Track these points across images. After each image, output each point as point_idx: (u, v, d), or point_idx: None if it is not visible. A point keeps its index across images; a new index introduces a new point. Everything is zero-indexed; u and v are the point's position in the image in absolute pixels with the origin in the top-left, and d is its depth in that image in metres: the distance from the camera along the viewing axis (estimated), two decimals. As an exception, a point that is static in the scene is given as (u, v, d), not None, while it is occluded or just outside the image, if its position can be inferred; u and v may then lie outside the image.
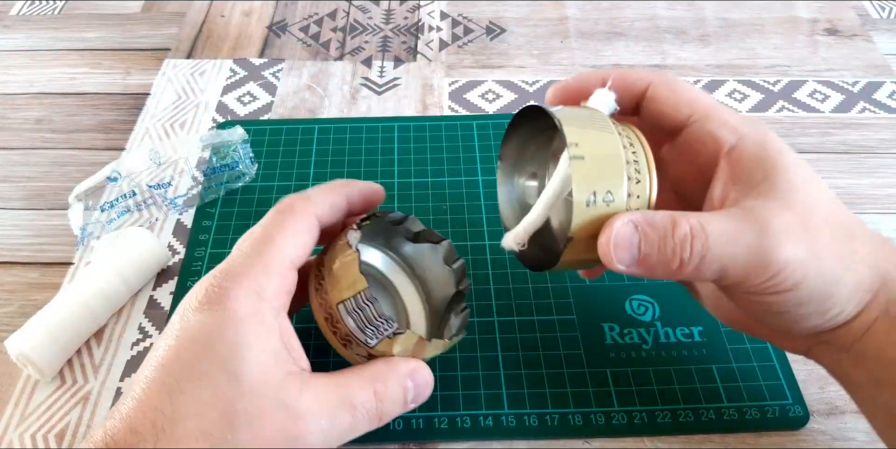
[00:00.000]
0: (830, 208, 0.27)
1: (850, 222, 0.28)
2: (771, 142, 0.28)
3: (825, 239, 0.27)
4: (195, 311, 0.27)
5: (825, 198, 0.28)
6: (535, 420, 0.35)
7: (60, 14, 0.61)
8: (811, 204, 0.27)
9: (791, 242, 0.26)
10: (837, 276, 0.27)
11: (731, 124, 0.29)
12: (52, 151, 0.50)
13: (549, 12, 0.61)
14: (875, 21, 0.60)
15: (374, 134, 0.50)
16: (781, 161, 0.27)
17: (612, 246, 0.26)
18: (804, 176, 0.27)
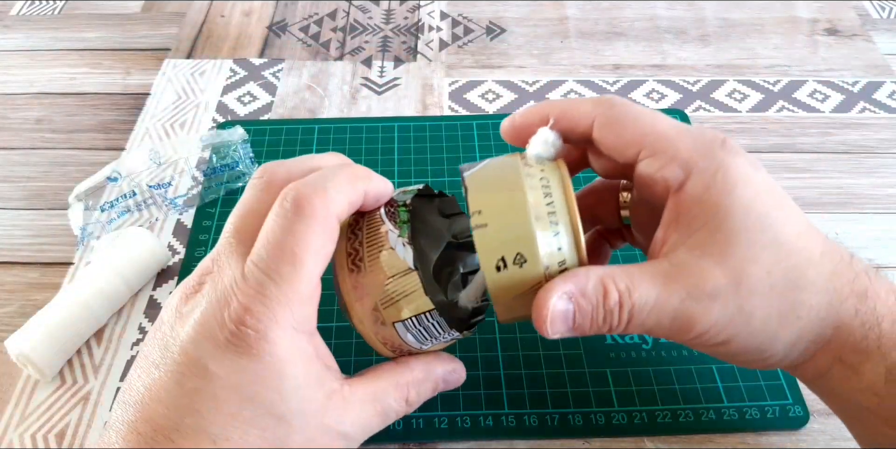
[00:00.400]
0: (776, 257, 0.25)
1: (799, 268, 0.26)
2: (722, 177, 0.26)
3: (761, 297, 0.25)
4: (225, 351, 0.24)
5: (772, 243, 0.25)
6: (535, 420, 0.35)
7: (60, 14, 0.61)
8: (751, 257, 0.25)
9: (719, 306, 0.25)
10: (771, 332, 0.26)
11: (683, 158, 0.26)
12: (52, 151, 0.50)
13: (549, 12, 0.61)
14: (875, 21, 0.60)
15: (374, 134, 0.50)
16: (726, 204, 0.25)
17: (549, 321, 0.26)
18: (752, 219, 0.25)
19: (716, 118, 0.51)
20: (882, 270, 0.42)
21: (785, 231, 0.26)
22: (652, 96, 0.53)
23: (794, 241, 0.26)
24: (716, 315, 0.25)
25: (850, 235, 0.44)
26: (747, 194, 0.26)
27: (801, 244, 0.26)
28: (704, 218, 0.26)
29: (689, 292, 0.25)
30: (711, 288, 0.25)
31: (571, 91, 0.54)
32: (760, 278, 0.25)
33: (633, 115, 0.28)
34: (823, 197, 0.46)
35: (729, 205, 0.25)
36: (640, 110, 0.28)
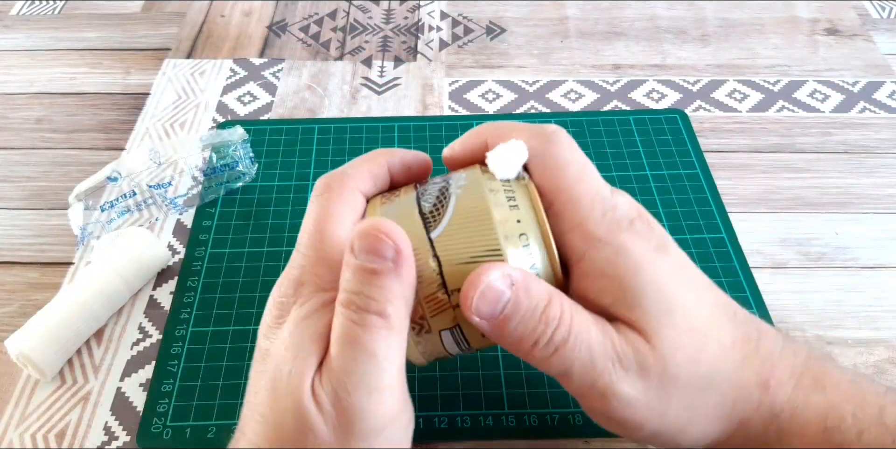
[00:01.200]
0: (696, 345, 0.25)
1: (713, 361, 0.25)
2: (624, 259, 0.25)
3: (680, 387, 0.24)
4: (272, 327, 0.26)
5: (690, 330, 0.25)
6: (536, 420, 0.35)
7: (60, 14, 0.61)
8: (675, 343, 0.24)
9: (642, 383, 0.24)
10: (680, 427, 0.25)
11: (586, 230, 0.25)
12: (52, 151, 0.50)
13: (549, 12, 0.61)
14: (875, 21, 0.60)
15: (374, 134, 0.50)
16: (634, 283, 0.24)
17: (478, 294, 0.23)
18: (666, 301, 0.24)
19: (716, 118, 0.51)
20: (881, 270, 0.42)
21: (699, 316, 0.25)
22: (652, 96, 0.53)
23: (708, 328, 0.25)
24: (638, 391, 0.24)
25: (850, 235, 0.44)
26: (655, 276, 0.25)
27: (713, 333, 0.25)
28: (613, 294, 0.25)
29: (619, 357, 0.24)
30: (641, 361, 0.24)
31: (571, 91, 0.54)
32: (684, 367, 0.24)
33: (563, 162, 0.26)
34: (823, 197, 0.46)
35: (637, 284, 0.24)
36: (570, 159, 0.26)
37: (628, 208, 0.26)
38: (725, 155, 0.49)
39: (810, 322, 0.40)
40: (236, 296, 0.41)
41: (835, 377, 0.26)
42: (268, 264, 0.42)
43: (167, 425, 0.35)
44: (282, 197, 0.46)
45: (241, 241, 0.43)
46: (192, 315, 0.40)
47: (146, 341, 0.39)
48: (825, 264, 0.42)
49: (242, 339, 0.39)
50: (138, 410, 0.36)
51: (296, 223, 0.44)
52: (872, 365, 0.38)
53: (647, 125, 0.50)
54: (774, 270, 0.42)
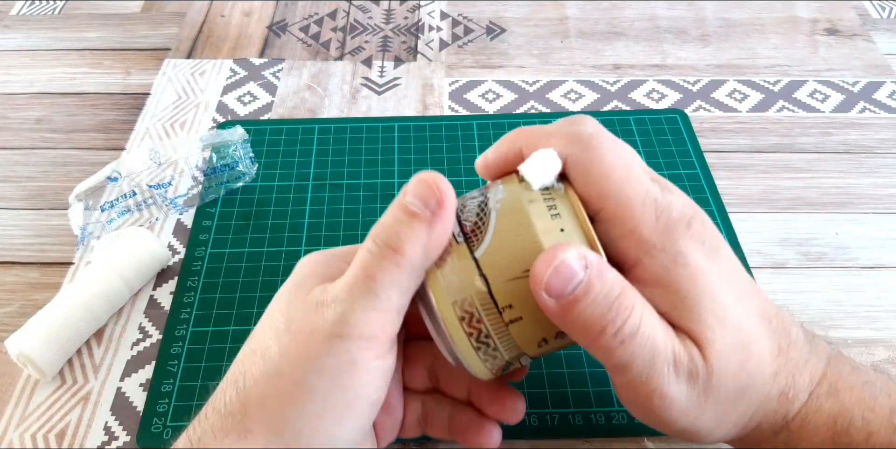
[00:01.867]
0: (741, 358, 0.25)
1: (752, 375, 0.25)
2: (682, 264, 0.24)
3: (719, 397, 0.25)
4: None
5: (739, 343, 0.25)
6: (536, 420, 0.35)
7: (60, 14, 0.61)
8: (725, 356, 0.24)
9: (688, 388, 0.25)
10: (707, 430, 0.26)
11: (641, 236, 0.25)
12: (52, 151, 0.50)
13: (549, 12, 0.61)
14: (875, 21, 0.60)
15: (374, 134, 0.50)
16: (693, 291, 0.24)
17: (551, 270, 0.23)
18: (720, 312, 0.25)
19: (716, 118, 0.51)
20: (881, 270, 0.42)
21: (746, 329, 0.25)
22: (652, 96, 0.53)
23: (752, 342, 0.25)
24: (683, 395, 0.25)
25: (850, 235, 0.44)
26: (711, 286, 0.25)
27: (756, 347, 0.25)
28: (670, 301, 0.25)
29: (676, 362, 0.24)
30: (693, 369, 0.24)
31: (571, 91, 0.54)
32: (727, 380, 0.25)
33: (606, 167, 0.25)
34: (823, 197, 0.46)
35: (695, 295, 0.24)
36: (613, 162, 0.25)
37: (682, 207, 0.25)
38: (725, 155, 0.49)
39: (810, 322, 0.40)
40: (236, 296, 0.41)
41: (849, 381, 0.27)
42: (268, 264, 0.42)
43: (167, 425, 0.35)
44: (282, 197, 0.46)
45: (241, 241, 0.43)
46: (192, 315, 0.40)
47: (146, 341, 0.39)
48: (825, 264, 0.42)
49: (242, 339, 0.38)
50: (138, 410, 0.36)
51: (296, 223, 0.44)
52: (872, 365, 0.38)
53: (647, 125, 0.50)
54: (774, 270, 0.42)
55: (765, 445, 0.27)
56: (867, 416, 0.26)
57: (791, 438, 0.26)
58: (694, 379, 0.25)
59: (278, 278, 0.41)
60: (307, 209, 0.45)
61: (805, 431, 0.26)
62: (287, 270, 0.41)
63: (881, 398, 0.26)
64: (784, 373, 0.26)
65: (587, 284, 0.23)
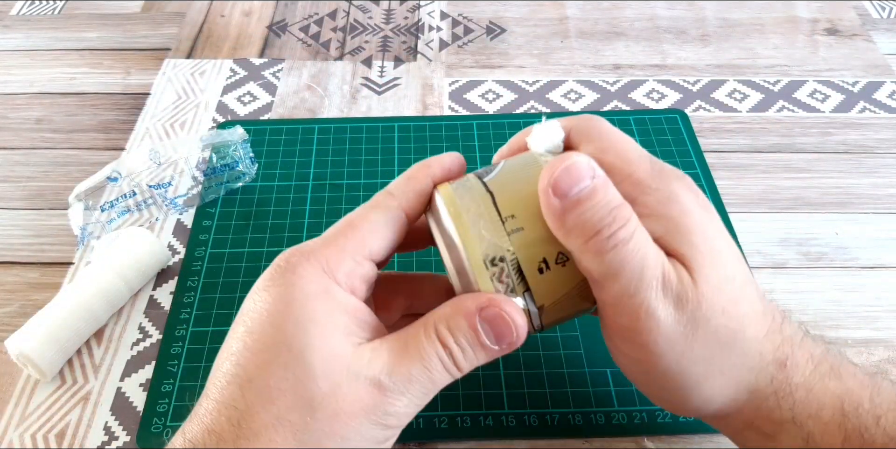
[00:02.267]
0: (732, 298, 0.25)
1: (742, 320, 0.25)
2: (676, 202, 0.26)
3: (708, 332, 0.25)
4: (261, 290, 0.26)
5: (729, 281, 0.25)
6: (536, 420, 0.35)
7: (60, 14, 0.61)
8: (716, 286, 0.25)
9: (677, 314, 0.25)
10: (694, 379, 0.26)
11: (637, 178, 0.26)
12: (52, 151, 0.50)
13: (549, 12, 0.61)
14: (875, 21, 0.60)
15: (374, 134, 0.50)
16: (687, 223, 0.25)
17: (562, 167, 0.24)
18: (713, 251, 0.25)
19: (716, 118, 0.51)
20: (881, 270, 0.42)
21: (740, 272, 0.26)
22: (652, 96, 0.53)
23: (745, 287, 0.26)
24: (670, 318, 0.25)
25: (850, 235, 0.44)
26: (704, 224, 0.26)
27: (748, 294, 0.26)
28: (665, 228, 0.25)
29: (664, 279, 0.25)
30: (682, 292, 0.25)
31: (571, 91, 0.54)
32: (716, 314, 0.25)
33: (606, 130, 0.28)
34: (823, 197, 0.46)
35: (688, 224, 0.25)
36: (612, 128, 0.28)
37: (673, 168, 0.27)
38: (725, 155, 0.49)
39: (810, 322, 0.40)
40: (236, 296, 0.41)
41: (851, 368, 0.27)
42: (268, 264, 0.42)
43: (167, 425, 0.35)
44: (282, 197, 0.46)
45: (241, 241, 0.43)
46: (192, 315, 0.40)
47: (146, 341, 0.39)
48: (825, 264, 0.42)
49: (242, 339, 0.39)
50: (138, 410, 0.36)
51: (296, 223, 0.44)
52: (872, 365, 0.38)
53: (647, 125, 0.50)
54: (774, 270, 0.42)
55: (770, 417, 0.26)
56: (874, 398, 0.26)
57: (796, 412, 0.26)
58: (682, 303, 0.25)
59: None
60: (307, 209, 0.45)
61: (812, 405, 0.26)
62: (287, 270, 0.42)
63: (885, 384, 0.26)
64: (780, 337, 0.26)
65: (592, 189, 0.25)
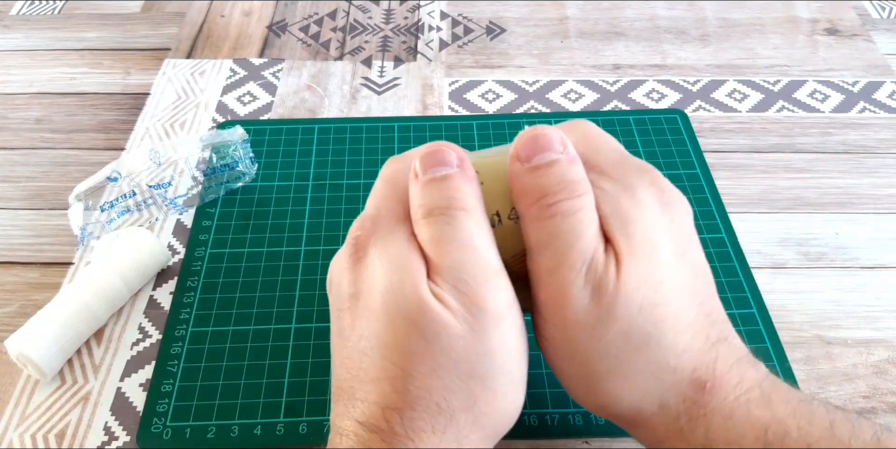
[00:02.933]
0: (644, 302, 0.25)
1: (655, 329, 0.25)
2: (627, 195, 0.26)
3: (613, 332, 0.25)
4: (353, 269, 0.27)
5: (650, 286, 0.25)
6: (536, 420, 0.35)
7: (60, 14, 0.61)
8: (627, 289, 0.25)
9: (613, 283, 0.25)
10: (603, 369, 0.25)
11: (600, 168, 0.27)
12: (52, 151, 0.50)
13: (549, 12, 0.61)
14: (875, 21, 0.60)
15: (374, 134, 0.50)
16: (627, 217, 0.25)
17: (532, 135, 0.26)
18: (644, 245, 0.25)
19: (716, 118, 0.51)
20: (881, 270, 0.42)
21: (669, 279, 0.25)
22: (652, 96, 0.53)
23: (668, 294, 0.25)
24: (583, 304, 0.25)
25: (850, 235, 0.44)
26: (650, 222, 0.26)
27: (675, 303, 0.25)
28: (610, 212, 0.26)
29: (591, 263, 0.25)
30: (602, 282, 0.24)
31: (571, 91, 0.54)
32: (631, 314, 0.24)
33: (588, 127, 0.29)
34: (823, 197, 0.46)
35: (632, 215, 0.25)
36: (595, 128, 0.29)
37: (644, 164, 0.27)
38: (725, 155, 0.49)
39: (810, 322, 0.40)
40: (236, 296, 0.41)
41: (784, 395, 0.26)
42: (268, 264, 0.42)
43: (167, 425, 0.35)
44: (282, 197, 0.46)
45: (241, 241, 0.43)
46: (192, 315, 0.40)
47: (146, 341, 0.39)
48: (825, 264, 0.42)
49: (242, 339, 0.39)
50: (138, 410, 0.36)
51: (296, 223, 0.44)
52: (872, 365, 0.38)
53: (647, 125, 0.50)
54: (774, 270, 0.42)
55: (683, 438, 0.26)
56: (804, 427, 0.24)
57: (711, 438, 0.25)
58: (600, 292, 0.24)
59: (278, 278, 0.41)
60: (307, 209, 0.45)
61: (730, 433, 0.25)
62: (287, 270, 0.42)
63: (819, 411, 0.25)
64: (704, 362, 0.25)
65: (554, 161, 0.25)
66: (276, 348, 0.38)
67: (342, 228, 0.44)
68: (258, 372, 0.37)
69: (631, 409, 0.26)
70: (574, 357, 0.26)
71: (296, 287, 0.41)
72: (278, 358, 0.38)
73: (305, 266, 0.42)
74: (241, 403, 0.36)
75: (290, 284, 0.41)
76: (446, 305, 0.24)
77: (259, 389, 0.37)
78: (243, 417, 0.35)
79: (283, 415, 0.35)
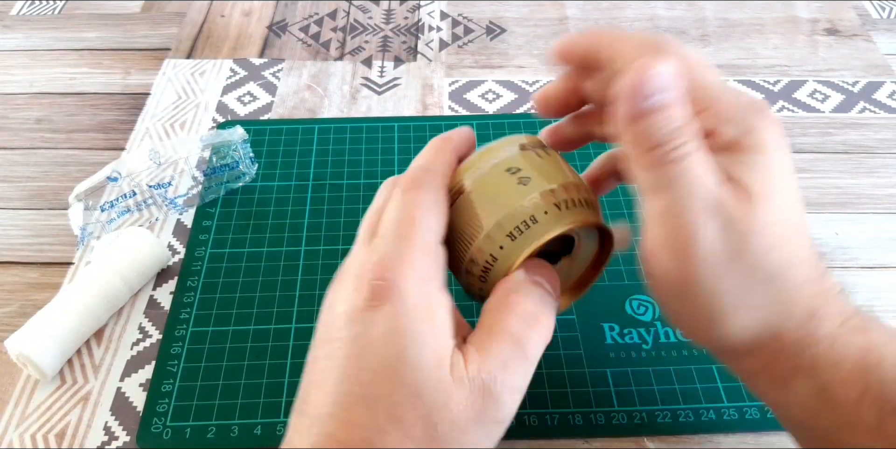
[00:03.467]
0: (775, 239, 0.25)
1: (788, 260, 0.25)
2: (751, 136, 0.25)
3: (741, 266, 0.25)
4: (365, 310, 0.25)
5: (788, 214, 0.25)
6: (536, 420, 0.35)
7: (60, 14, 0.61)
8: (773, 217, 0.25)
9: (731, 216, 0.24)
10: (724, 306, 0.26)
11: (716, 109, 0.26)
12: (52, 151, 0.50)
13: (549, 12, 0.61)
14: (875, 21, 0.60)
15: (374, 134, 0.50)
16: (765, 160, 0.25)
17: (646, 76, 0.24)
18: (782, 187, 0.25)
19: (716, 118, 0.51)
20: (881, 270, 0.42)
21: (794, 217, 0.26)
22: (652, 96, 0.53)
23: (798, 232, 0.26)
24: (713, 241, 0.24)
25: (850, 235, 0.44)
26: (782, 164, 0.25)
27: (798, 240, 0.26)
28: (737, 159, 0.25)
29: (718, 201, 0.24)
30: (735, 214, 0.24)
31: (571, 91, 0.54)
32: (762, 247, 0.25)
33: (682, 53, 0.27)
34: (823, 197, 0.46)
35: (763, 160, 0.25)
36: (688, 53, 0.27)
37: (758, 101, 0.27)
38: (725, 155, 0.49)
39: (810, 322, 0.40)
40: (236, 296, 0.41)
41: (880, 326, 0.27)
42: (268, 264, 0.42)
43: (167, 425, 0.35)
44: (282, 197, 0.46)
45: (241, 241, 0.44)
46: (192, 315, 0.40)
47: (146, 341, 0.39)
48: (825, 264, 0.42)
49: (242, 339, 0.39)
50: (138, 410, 0.36)
51: (296, 223, 0.44)
52: (872, 365, 0.38)
53: (647, 125, 0.50)
54: (774, 270, 0.42)
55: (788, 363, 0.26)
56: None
57: (816, 363, 0.26)
58: (731, 228, 0.24)
59: (278, 278, 0.41)
60: (307, 209, 0.45)
61: (832, 357, 0.26)
62: (287, 269, 0.42)
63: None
64: (815, 292, 0.26)
65: (665, 104, 0.24)
66: (276, 348, 0.38)
67: (342, 228, 0.44)
68: (258, 372, 0.37)
69: (746, 340, 0.27)
70: (697, 295, 0.26)
71: (296, 287, 0.41)
72: (278, 358, 0.38)
73: (305, 266, 0.42)
74: (241, 403, 0.36)
75: (290, 284, 0.41)
76: (461, 383, 0.24)
77: (259, 388, 0.37)
78: (243, 417, 0.35)
79: (283, 415, 0.36)
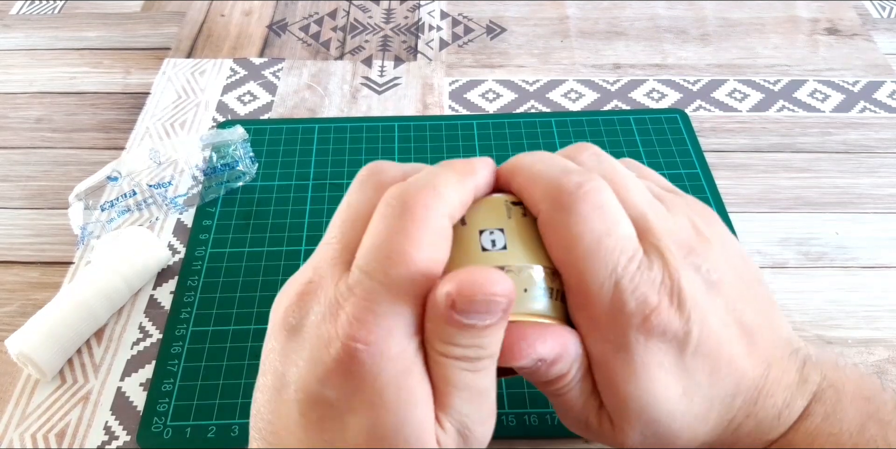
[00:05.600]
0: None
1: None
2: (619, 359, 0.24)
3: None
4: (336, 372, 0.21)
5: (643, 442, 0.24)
6: (536, 420, 0.35)
7: (60, 13, 0.61)
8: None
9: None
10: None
11: (590, 313, 0.24)
12: (52, 151, 0.50)
13: (549, 12, 0.61)
14: (875, 21, 0.60)
15: (374, 134, 0.50)
16: (620, 394, 0.24)
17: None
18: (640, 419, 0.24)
19: (716, 118, 0.51)
20: (881, 270, 0.42)
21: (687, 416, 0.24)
22: (652, 96, 0.53)
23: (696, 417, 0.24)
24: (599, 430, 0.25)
25: (850, 235, 0.44)
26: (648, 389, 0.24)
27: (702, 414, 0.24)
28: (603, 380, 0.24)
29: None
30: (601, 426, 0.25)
31: (571, 90, 0.54)
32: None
33: (571, 237, 0.23)
34: (823, 197, 0.46)
35: (626, 393, 0.24)
36: (580, 233, 0.23)
37: (648, 292, 0.23)
38: (725, 155, 0.49)
39: (810, 322, 0.40)
40: (236, 295, 0.41)
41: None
42: (268, 264, 0.42)
43: (167, 425, 0.35)
44: (282, 197, 0.46)
45: (241, 240, 0.44)
46: (193, 315, 0.40)
47: (146, 341, 0.39)
48: (825, 264, 0.42)
49: (242, 338, 0.39)
50: (138, 410, 0.36)
51: (296, 223, 0.44)
52: (872, 365, 0.38)
53: (648, 125, 0.50)
54: (774, 269, 0.42)
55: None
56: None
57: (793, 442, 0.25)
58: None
59: (278, 278, 0.41)
60: (307, 209, 0.45)
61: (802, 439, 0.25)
62: (287, 269, 0.42)
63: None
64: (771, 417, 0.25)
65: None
66: (277, 348, 0.38)
67: (342, 228, 0.44)
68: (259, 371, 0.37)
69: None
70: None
71: (296, 287, 0.41)
72: (278, 358, 0.38)
73: (305, 266, 0.42)
74: (242, 403, 0.36)
75: (290, 284, 0.41)
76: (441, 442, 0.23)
77: (259, 388, 0.37)
78: (244, 417, 0.35)
79: (283, 414, 0.36)
